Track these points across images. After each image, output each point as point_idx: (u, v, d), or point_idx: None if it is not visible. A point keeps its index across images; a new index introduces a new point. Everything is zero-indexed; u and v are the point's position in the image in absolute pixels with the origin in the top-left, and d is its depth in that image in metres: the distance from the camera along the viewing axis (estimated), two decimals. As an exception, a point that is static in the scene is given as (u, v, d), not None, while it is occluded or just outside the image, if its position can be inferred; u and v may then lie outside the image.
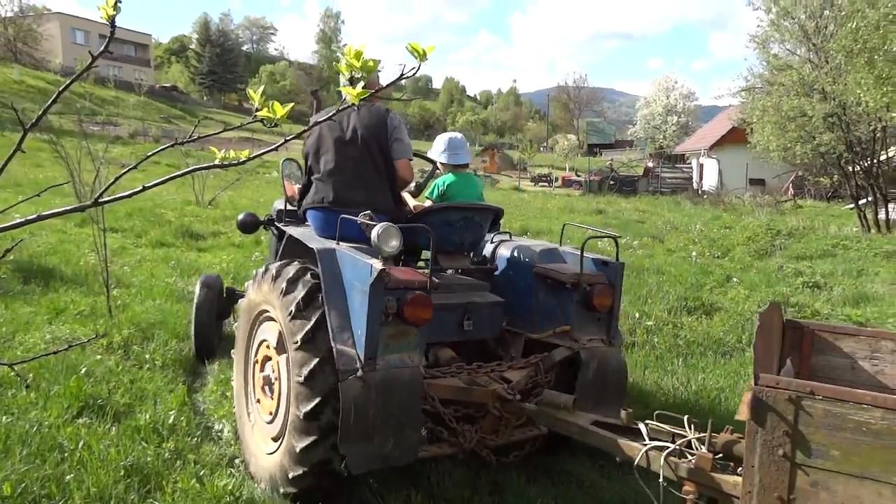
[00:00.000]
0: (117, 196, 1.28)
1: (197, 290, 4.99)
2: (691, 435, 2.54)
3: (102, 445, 3.39)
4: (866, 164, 15.90)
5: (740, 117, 21.18)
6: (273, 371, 3.30)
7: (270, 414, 3.30)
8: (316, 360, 2.92)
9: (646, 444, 2.58)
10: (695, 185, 34.45)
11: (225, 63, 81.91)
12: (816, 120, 15.43)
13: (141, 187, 1.31)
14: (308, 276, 3.14)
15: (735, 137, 29.20)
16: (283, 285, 3.15)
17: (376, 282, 2.81)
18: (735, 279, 9.00)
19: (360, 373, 2.82)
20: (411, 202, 3.94)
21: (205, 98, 80.00)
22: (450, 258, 3.77)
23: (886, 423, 1.84)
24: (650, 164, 39.23)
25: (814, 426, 1.99)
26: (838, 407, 1.94)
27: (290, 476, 2.99)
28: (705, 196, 28.79)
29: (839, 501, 1.93)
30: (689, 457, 2.48)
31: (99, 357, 4.66)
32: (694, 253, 11.37)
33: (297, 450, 2.93)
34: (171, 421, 3.78)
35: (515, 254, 3.91)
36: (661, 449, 2.52)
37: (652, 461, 2.54)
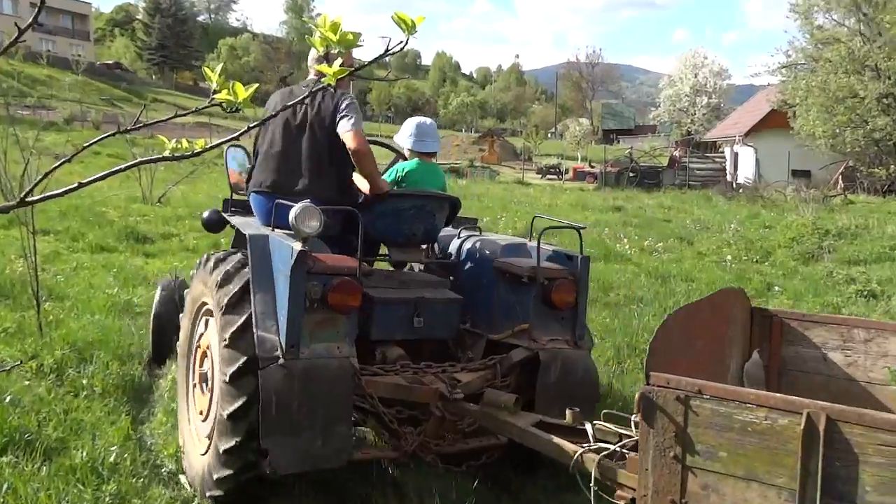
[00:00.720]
0: (49, 194, 1.26)
1: (157, 293, 5.21)
2: (636, 436, 2.60)
3: (31, 489, 3.34)
4: (928, 153, 16.01)
5: (780, 98, 21.35)
6: (209, 367, 3.52)
7: (202, 413, 3.57)
8: (243, 359, 3.13)
9: (583, 447, 2.72)
10: (728, 177, 34.57)
11: (177, 36, 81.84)
12: (869, 101, 15.56)
13: (77, 184, 1.29)
14: (246, 269, 3.32)
15: (775, 122, 29.36)
16: (219, 278, 3.40)
17: (297, 264, 3.03)
18: (777, 287, 9.02)
19: (281, 361, 3.04)
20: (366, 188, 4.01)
21: (154, 77, 79.91)
22: (402, 250, 4.00)
23: (769, 423, 2.01)
24: (676, 153, 39.40)
25: (702, 427, 2.16)
26: (724, 406, 2.11)
27: (216, 478, 3.24)
28: (741, 190, 28.90)
29: None
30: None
31: (27, 383, 4.59)
32: (728, 257, 11.40)
33: (221, 451, 3.17)
34: (112, 459, 3.73)
35: (478, 249, 4.09)
36: (599, 451, 2.65)
37: (586, 464, 2.68)
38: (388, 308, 3.63)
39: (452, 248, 4.29)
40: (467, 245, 4.19)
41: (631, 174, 32.84)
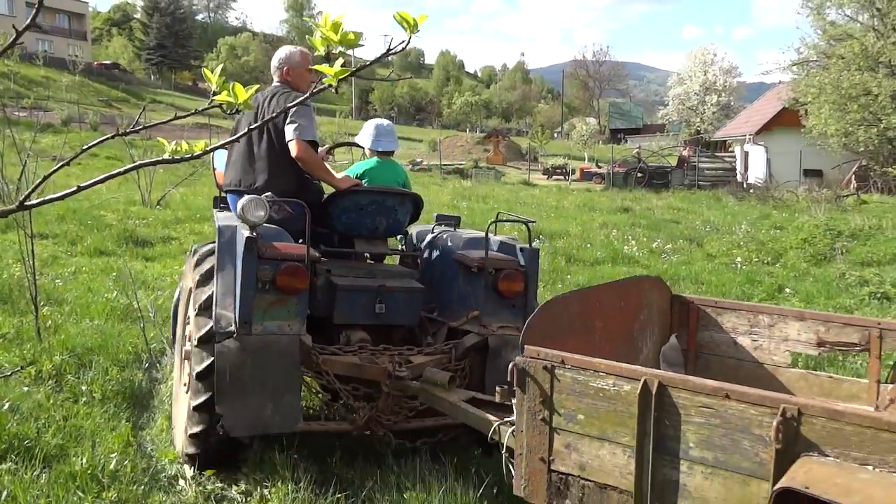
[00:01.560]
0: (48, 198, 1.28)
1: (179, 284, 5.38)
2: None
3: (30, 496, 3.37)
4: (943, 152, 15.96)
5: (792, 96, 21.31)
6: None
7: (185, 385, 3.94)
8: (208, 327, 3.58)
9: (503, 420, 2.96)
10: (739, 177, 34.51)
11: (176, 35, 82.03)
12: (883, 99, 15.51)
13: (76, 187, 1.30)
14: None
15: (786, 120, 29.31)
16: (195, 260, 3.98)
17: (247, 249, 3.49)
18: (789, 290, 9.01)
19: (235, 335, 3.49)
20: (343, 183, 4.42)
21: (152, 77, 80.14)
22: (367, 243, 4.42)
23: (616, 389, 2.37)
24: (685, 153, 39.27)
25: (565, 393, 2.51)
26: (582, 375, 2.46)
27: (189, 434, 3.69)
28: (751, 190, 28.84)
29: (586, 461, 2.47)
30: None
31: (26, 389, 4.62)
32: (739, 259, 11.39)
33: (192, 408, 3.61)
34: (112, 465, 3.75)
35: (444, 242, 4.50)
36: (513, 423, 2.82)
37: (501, 435, 2.93)
38: (350, 294, 4.04)
39: (425, 242, 4.67)
40: (436, 239, 4.59)
41: (639, 174, 32.75)
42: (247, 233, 3.54)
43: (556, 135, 74.08)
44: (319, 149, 4.64)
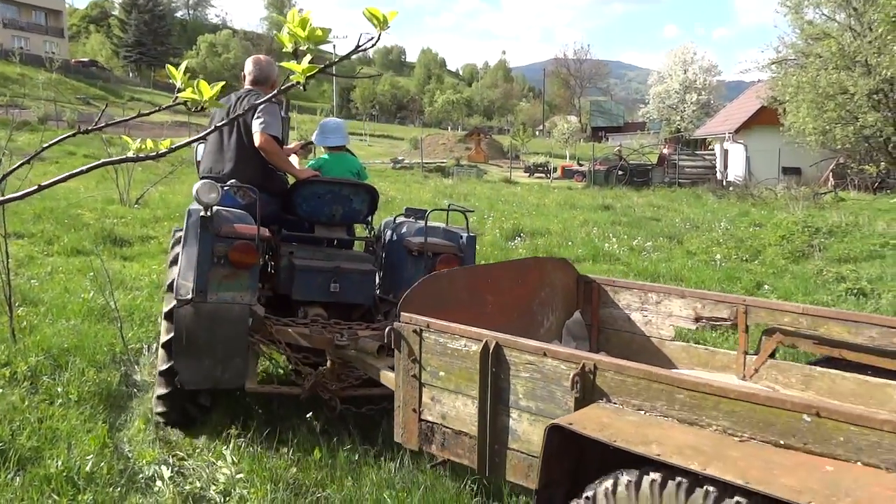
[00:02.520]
0: (8, 197, 1.25)
1: None
2: None
3: (4, 499, 3.33)
4: (918, 149, 16.16)
5: (771, 95, 21.49)
6: None
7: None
8: (174, 302, 4.00)
9: None
10: (718, 175, 34.75)
11: (155, 33, 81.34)
12: (859, 97, 15.69)
13: (37, 186, 1.28)
14: None
15: (765, 119, 29.56)
16: (171, 242, 4.55)
17: (201, 227, 3.98)
18: (767, 286, 9.08)
19: (191, 302, 3.93)
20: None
21: (131, 75, 79.40)
22: (327, 229, 4.86)
23: (467, 349, 2.76)
24: (665, 151, 39.49)
25: (430, 353, 2.89)
26: (442, 337, 2.84)
27: (156, 395, 4.23)
28: (731, 188, 29.05)
29: (446, 411, 2.85)
30: None
31: (0, 391, 4.57)
32: (718, 256, 11.47)
33: (159, 373, 4.14)
34: (88, 468, 3.72)
35: (399, 231, 4.92)
36: None
37: None
38: (308, 274, 4.49)
39: (387, 231, 5.07)
40: (395, 228, 4.99)
41: (620, 172, 32.89)
42: (202, 212, 3.98)
43: (537, 133, 74.27)
44: (293, 142, 5.55)
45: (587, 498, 2.21)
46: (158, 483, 3.76)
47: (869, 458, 1.86)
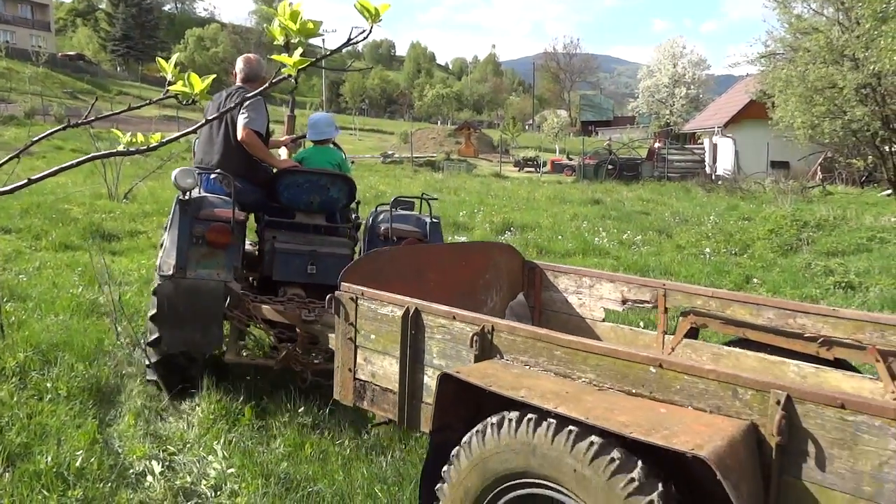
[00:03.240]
0: (-1, 190, 1.24)
1: None
2: None
3: (-7, 496, 3.31)
4: (905, 143, 16.25)
5: (759, 89, 21.56)
6: None
7: None
8: (160, 280, 4.47)
9: None
10: (707, 168, 34.89)
11: (143, 26, 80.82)
12: (847, 91, 15.76)
13: (27, 180, 1.27)
14: None
15: (754, 112, 29.69)
16: (164, 226, 4.89)
17: (180, 210, 4.48)
18: (756, 280, 9.13)
19: (171, 279, 4.40)
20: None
21: (119, 69, 78.85)
22: (306, 215, 5.16)
23: (393, 314, 3.06)
24: (655, 145, 39.63)
25: (363, 318, 3.22)
26: (373, 304, 3.17)
27: (147, 364, 4.76)
28: (720, 182, 29.17)
29: (375, 370, 3.17)
30: None
31: (-12, 387, 4.54)
32: (707, 249, 11.52)
33: (147, 343, 4.61)
34: (78, 463, 3.70)
35: (379, 218, 5.22)
36: None
37: None
38: (287, 256, 4.87)
39: (370, 218, 5.37)
40: (375, 216, 5.29)
41: (609, 167, 32.97)
42: (180, 196, 4.50)
43: (527, 127, 74.28)
44: (284, 136, 5.98)
45: (465, 442, 2.48)
46: (149, 478, 3.75)
47: (698, 403, 2.18)
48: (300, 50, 1.25)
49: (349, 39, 1.26)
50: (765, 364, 3.46)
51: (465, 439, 2.48)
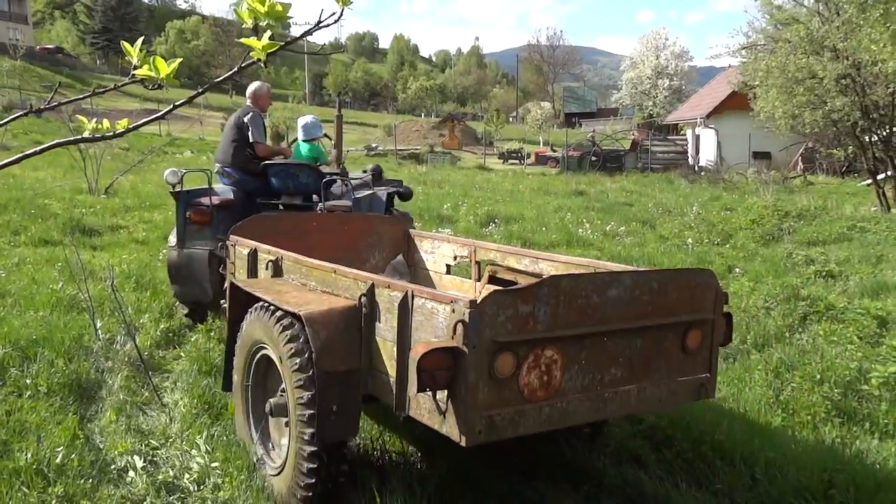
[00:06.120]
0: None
1: None
2: None
3: (-28, 493, 3.27)
4: (885, 133, 16.39)
5: (741, 80, 21.62)
6: None
7: None
8: (168, 249, 6.25)
9: None
10: (690, 160, 35.06)
11: (122, 19, 79.95)
12: (828, 82, 15.83)
13: (-5, 168, 1.24)
14: None
15: (735, 104, 29.79)
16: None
17: (176, 199, 6.02)
18: (738, 269, 9.19)
19: (175, 249, 6.03)
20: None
21: (98, 62, 77.98)
22: (288, 198, 6.48)
23: (243, 252, 4.38)
24: (638, 137, 39.76)
25: (238, 259, 4.45)
26: (239, 247, 4.45)
27: (177, 305, 6.56)
28: (702, 173, 29.35)
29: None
30: None
31: (-34, 384, 4.50)
32: (690, 240, 11.59)
33: (174, 294, 6.43)
34: (59, 460, 3.68)
35: (329, 198, 6.32)
36: None
37: None
38: None
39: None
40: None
41: (593, 158, 33.05)
42: (170, 189, 6.05)
43: (511, 119, 74.23)
44: (334, 134, 7.74)
45: (242, 325, 3.75)
46: (131, 473, 3.72)
47: (339, 292, 3.38)
48: (269, 33, 1.23)
49: (319, 22, 1.24)
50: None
51: (242, 324, 3.74)
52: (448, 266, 5.24)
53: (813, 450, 4.22)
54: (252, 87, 6.87)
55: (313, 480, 3.17)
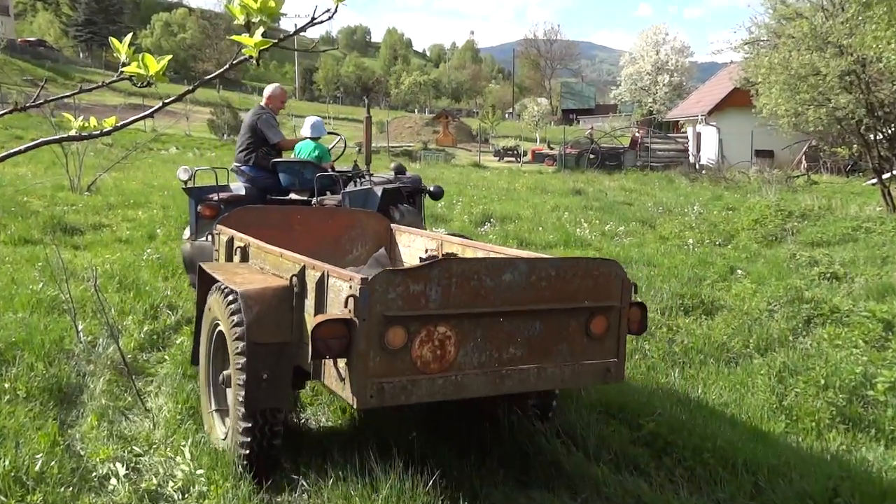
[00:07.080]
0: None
1: None
2: None
3: (-53, 502, 3.24)
4: (890, 132, 16.43)
5: (743, 76, 21.63)
6: None
7: None
8: (184, 240, 6.99)
9: None
10: (691, 158, 35.12)
11: (106, 11, 79.69)
12: (832, 79, 15.85)
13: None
14: None
15: (737, 100, 29.85)
16: None
17: (189, 195, 6.80)
18: (740, 271, 9.20)
19: (189, 241, 6.63)
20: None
21: (81, 55, 77.71)
22: (296, 192, 7.06)
23: (223, 239, 4.88)
24: (638, 134, 39.80)
25: (220, 245, 4.92)
26: (221, 235, 4.94)
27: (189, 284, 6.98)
28: (704, 171, 29.40)
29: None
30: None
31: (-58, 388, 4.46)
32: (691, 240, 11.60)
33: (190, 283, 6.82)
34: (38, 467, 3.65)
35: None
36: None
37: None
38: None
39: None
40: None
41: (591, 156, 33.07)
42: (182, 185, 6.86)
43: (507, 115, 74.35)
44: (363, 132, 7.79)
45: (206, 304, 4.22)
46: (113, 481, 3.70)
47: (277, 272, 3.91)
48: (262, 30, 1.22)
49: (313, 19, 1.23)
50: None
51: (206, 303, 4.18)
52: (421, 259, 5.49)
53: (817, 457, 4.22)
54: (268, 89, 7.72)
55: (248, 440, 3.57)
